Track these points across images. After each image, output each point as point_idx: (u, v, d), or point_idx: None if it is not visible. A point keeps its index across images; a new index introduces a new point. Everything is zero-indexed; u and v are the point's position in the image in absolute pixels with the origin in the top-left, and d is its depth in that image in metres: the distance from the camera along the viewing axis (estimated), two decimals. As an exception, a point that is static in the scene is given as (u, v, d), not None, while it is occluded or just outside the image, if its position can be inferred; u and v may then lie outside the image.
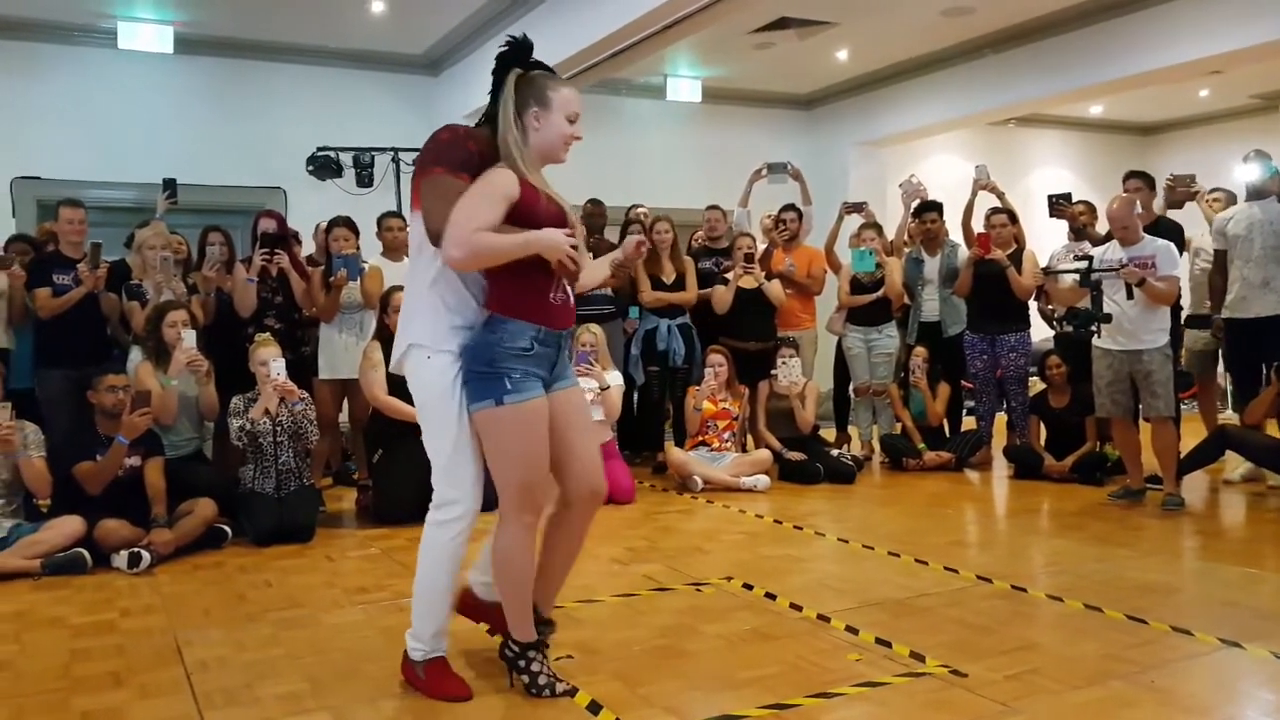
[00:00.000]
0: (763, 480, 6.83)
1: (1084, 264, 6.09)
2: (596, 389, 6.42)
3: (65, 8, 8.51)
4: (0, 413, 4.86)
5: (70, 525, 4.94)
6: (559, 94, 3.08)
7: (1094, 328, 6.04)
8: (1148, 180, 6.86)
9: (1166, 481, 6.11)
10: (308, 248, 7.55)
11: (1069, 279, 6.36)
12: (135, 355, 5.87)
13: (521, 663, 3.21)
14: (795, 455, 7.15)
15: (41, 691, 3.33)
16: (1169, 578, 4.62)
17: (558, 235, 2.95)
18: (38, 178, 8.74)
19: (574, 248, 2.97)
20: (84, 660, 3.63)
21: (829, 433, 8.25)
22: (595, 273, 3.48)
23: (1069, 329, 6.45)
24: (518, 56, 3.13)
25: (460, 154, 3.04)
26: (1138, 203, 6.34)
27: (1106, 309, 5.94)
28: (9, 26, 8.69)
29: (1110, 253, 6.08)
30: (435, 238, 2.95)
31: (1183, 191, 7.14)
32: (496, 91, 3.12)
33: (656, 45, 7.91)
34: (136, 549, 4.91)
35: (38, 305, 5.93)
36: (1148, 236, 6.08)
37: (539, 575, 3.26)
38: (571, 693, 3.19)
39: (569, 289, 3.14)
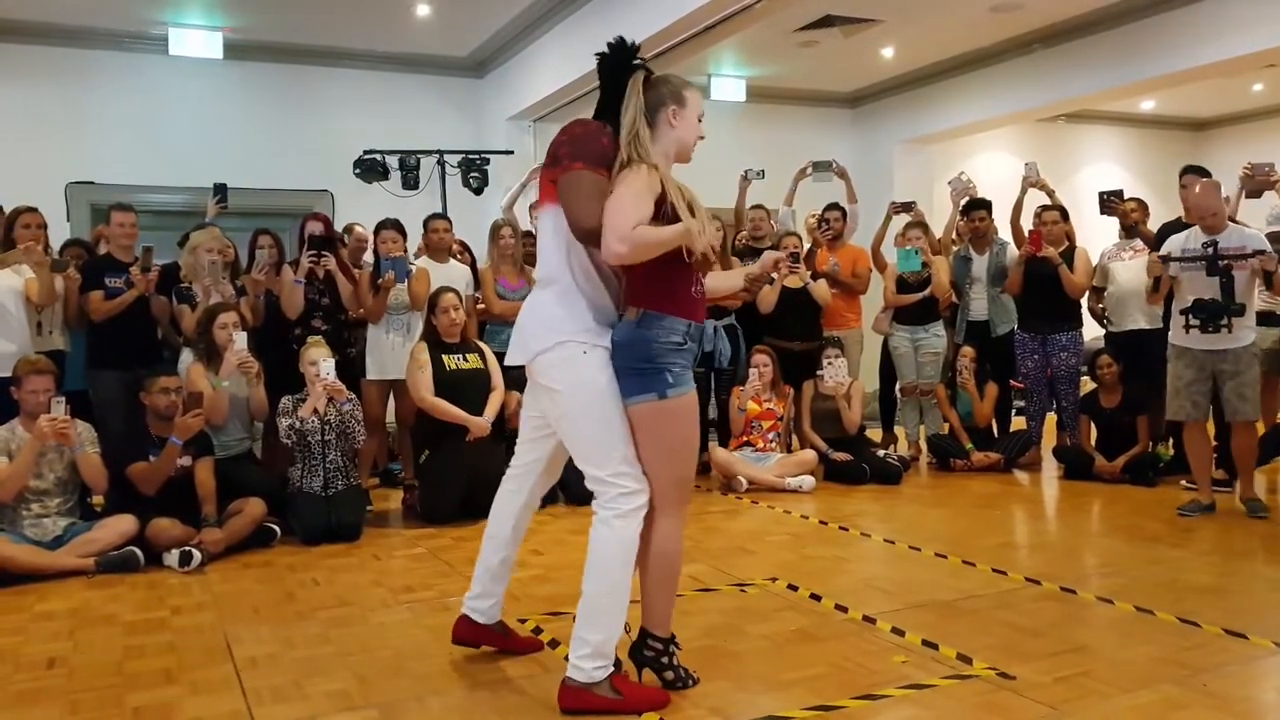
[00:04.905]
0: (808, 481, 6.80)
1: (1208, 250, 5.62)
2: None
3: (117, 15, 8.66)
4: (56, 407, 4.95)
5: (123, 524, 5.03)
6: (692, 94, 3.19)
7: (1224, 321, 5.56)
8: (1205, 176, 6.72)
9: (1244, 486, 5.89)
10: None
11: (1175, 267, 5.83)
12: (186, 357, 5.95)
13: (665, 659, 3.21)
14: (841, 456, 7.11)
15: (95, 688, 3.39)
16: (1222, 580, 4.55)
17: (703, 224, 3.04)
18: (91, 182, 8.87)
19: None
20: (136, 657, 3.69)
21: (875, 433, 8.20)
22: (727, 281, 3.57)
23: (1195, 324, 5.67)
24: (623, 58, 3.19)
25: (597, 149, 3.08)
26: (1222, 186, 5.97)
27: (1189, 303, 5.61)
28: (62, 34, 8.85)
29: (1191, 242, 5.77)
30: (587, 235, 3.01)
31: (1261, 180, 6.87)
32: (612, 89, 3.18)
33: (701, 45, 7.90)
34: (188, 548, 4.98)
35: (90, 308, 6.01)
36: (1233, 224, 5.81)
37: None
38: (695, 681, 3.25)
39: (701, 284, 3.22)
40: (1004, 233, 7.92)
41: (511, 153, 9.55)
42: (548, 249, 3.19)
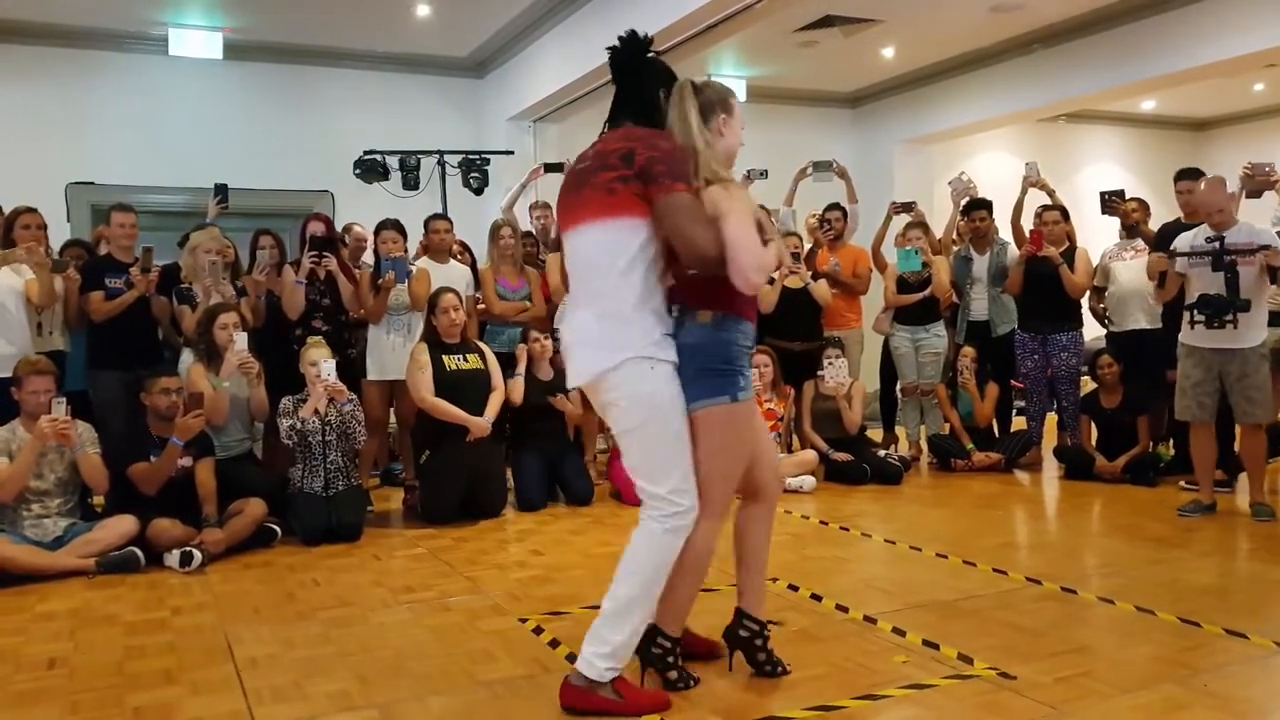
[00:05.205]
0: (808, 481, 6.80)
1: (1214, 245, 5.55)
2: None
3: (117, 15, 8.66)
4: (56, 408, 4.95)
5: (124, 525, 5.03)
6: (735, 100, 3.18)
7: (1229, 317, 5.47)
8: (1199, 177, 6.70)
9: (1253, 490, 5.79)
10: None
11: (1183, 264, 5.77)
12: (187, 357, 5.95)
13: (670, 659, 3.21)
14: (841, 456, 7.10)
15: (96, 688, 3.38)
16: (1223, 580, 4.55)
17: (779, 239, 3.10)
18: (91, 183, 8.88)
19: None
20: (137, 657, 3.69)
21: (876, 433, 8.19)
22: None
23: (1200, 319, 5.60)
24: (637, 51, 3.19)
25: (687, 166, 2.99)
26: (1226, 182, 5.87)
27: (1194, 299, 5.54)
28: (62, 35, 8.85)
29: (1199, 239, 5.70)
30: (706, 261, 2.91)
31: (1261, 180, 6.83)
32: (628, 85, 3.17)
33: (701, 45, 7.89)
34: (188, 548, 4.98)
35: (91, 309, 6.01)
36: (1243, 221, 5.71)
37: (750, 574, 3.34)
38: (696, 681, 3.25)
39: None
40: (1004, 233, 7.92)
41: (512, 153, 9.55)
42: (601, 264, 3.02)
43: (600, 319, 3.03)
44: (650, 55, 3.19)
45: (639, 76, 3.16)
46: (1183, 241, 5.84)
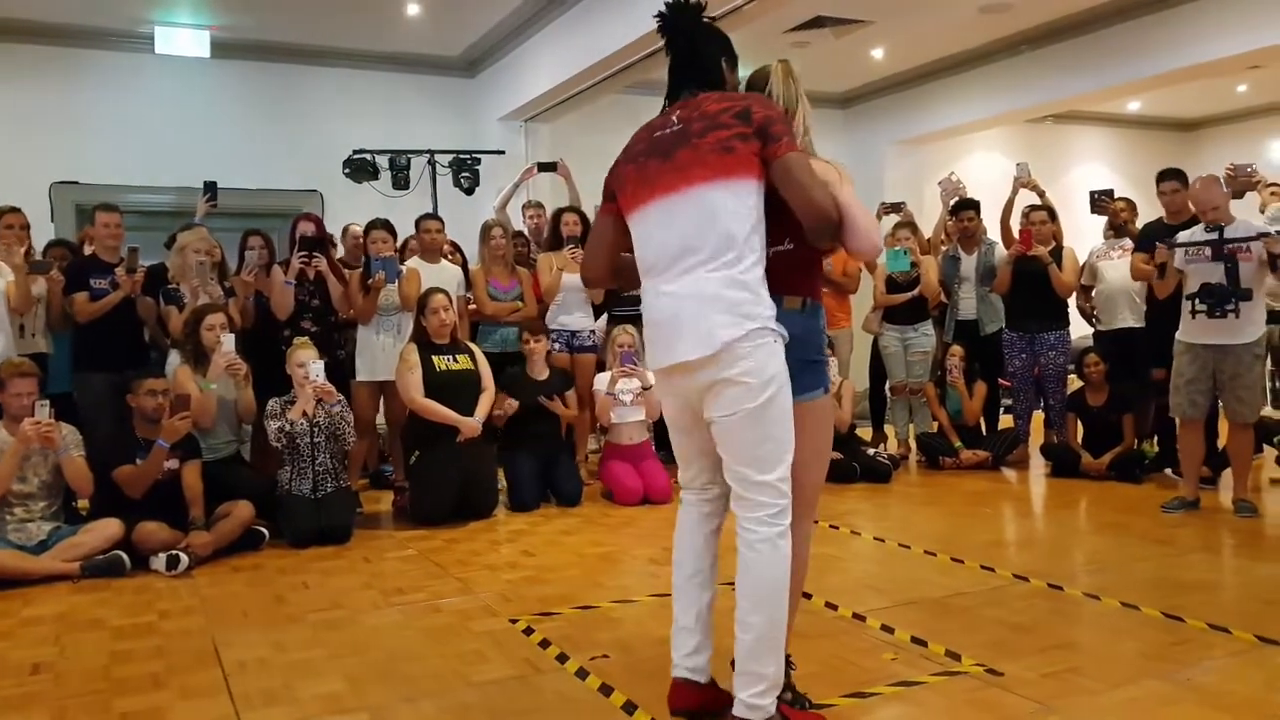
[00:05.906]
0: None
1: (1213, 235, 5.55)
2: (638, 388, 6.44)
3: (103, 13, 8.62)
4: (40, 410, 4.91)
5: (109, 528, 5.00)
6: None
7: (1231, 306, 5.45)
8: (1183, 179, 6.68)
9: (1238, 487, 5.81)
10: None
11: (1179, 254, 5.76)
12: (174, 359, 5.92)
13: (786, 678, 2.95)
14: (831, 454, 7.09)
15: (82, 693, 3.37)
16: (1207, 575, 4.58)
17: None
18: (76, 182, 8.85)
19: None
20: (124, 662, 3.67)
21: (865, 432, 8.20)
22: None
23: (1201, 309, 5.56)
24: (695, 16, 3.00)
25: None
26: (1221, 179, 5.88)
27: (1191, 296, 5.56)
28: (47, 33, 8.81)
29: (1195, 236, 5.71)
30: (828, 226, 2.74)
31: (1243, 181, 6.84)
32: (700, 58, 2.98)
33: (691, 45, 7.89)
34: (175, 551, 4.96)
35: (75, 310, 5.97)
36: (1240, 218, 5.69)
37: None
38: (811, 704, 3.04)
39: None
40: (993, 232, 7.94)
41: (503, 153, 9.54)
42: (722, 225, 2.75)
43: (719, 283, 2.74)
44: (706, 21, 3.03)
45: (698, 42, 2.99)
46: (1182, 239, 5.85)
